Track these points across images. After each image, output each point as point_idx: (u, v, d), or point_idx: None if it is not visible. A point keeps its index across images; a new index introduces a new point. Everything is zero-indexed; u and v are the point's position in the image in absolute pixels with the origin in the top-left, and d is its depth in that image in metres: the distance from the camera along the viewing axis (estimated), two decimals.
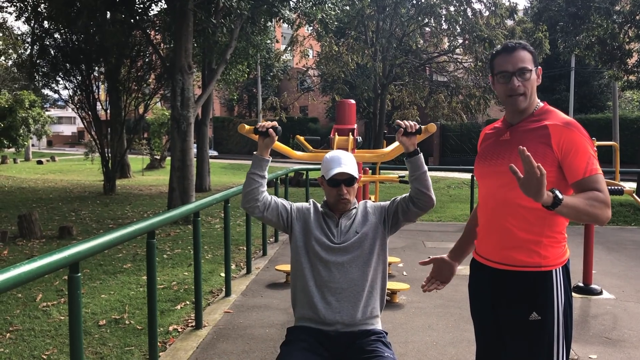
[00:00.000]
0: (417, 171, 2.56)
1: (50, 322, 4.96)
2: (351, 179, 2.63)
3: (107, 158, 16.59)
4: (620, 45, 15.19)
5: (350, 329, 2.55)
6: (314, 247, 2.60)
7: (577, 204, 1.98)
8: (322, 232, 2.63)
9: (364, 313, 2.57)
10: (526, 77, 2.19)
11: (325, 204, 2.73)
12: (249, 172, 2.64)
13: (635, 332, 4.64)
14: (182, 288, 6.06)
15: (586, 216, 2.01)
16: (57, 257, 2.52)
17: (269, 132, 2.61)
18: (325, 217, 2.69)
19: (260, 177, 2.63)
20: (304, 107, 45.04)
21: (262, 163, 2.64)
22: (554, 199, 1.91)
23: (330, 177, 2.61)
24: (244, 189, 2.65)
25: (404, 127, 2.50)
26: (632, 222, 10.98)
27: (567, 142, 2.10)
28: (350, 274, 2.57)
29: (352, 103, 5.32)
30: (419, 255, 7.59)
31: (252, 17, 12.16)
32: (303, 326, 2.62)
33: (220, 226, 10.02)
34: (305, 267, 2.61)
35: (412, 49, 19.41)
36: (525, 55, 2.21)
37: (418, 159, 2.55)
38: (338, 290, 2.56)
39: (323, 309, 2.55)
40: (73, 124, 79.23)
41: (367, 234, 2.62)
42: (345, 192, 2.62)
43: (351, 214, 2.69)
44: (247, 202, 2.64)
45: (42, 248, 8.23)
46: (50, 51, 16.87)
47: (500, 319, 2.26)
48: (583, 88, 31.32)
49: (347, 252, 2.59)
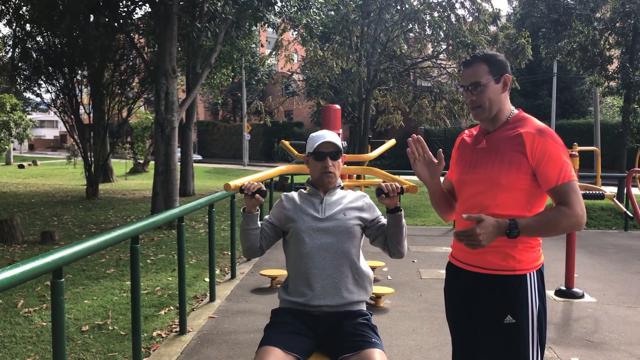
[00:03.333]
0: (395, 227, 2.63)
1: (32, 328, 4.90)
2: (336, 152, 2.70)
3: (90, 162, 16.43)
4: (601, 52, 15.42)
5: (335, 310, 2.60)
6: (298, 231, 2.64)
7: (536, 225, 2.09)
8: (304, 213, 2.68)
9: (349, 297, 2.61)
10: (478, 91, 2.23)
11: (309, 182, 2.79)
12: (243, 228, 2.71)
13: (616, 335, 4.70)
14: (166, 293, 6.02)
15: (552, 233, 2.12)
16: (41, 262, 2.50)
17: (255, 197, 2.66)
18: (308, 195, 2.75)
19: (254, 229, 2.72)
20: (289, 111, 45.04)
21: (253, 218, 2.72)
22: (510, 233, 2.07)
23: (315, 150, 2.67)
24: (243, 244, 2.74)
25: (386, 192, 2.55)
26: (612, 226, 11.12)
27: (540, 150, 2.13)
28: (335, 260, 2.61)
29: (337, 108, 5.35)
30: (404, 260, 7.62)
31: (237, 21, 12.15)
32: (287, 307, 2.66)
33: (205, 231, 9.97)
34: (292, 253, 2.68)
35: (397, 54, 19.51)
36: (479, 69, 2.23)
37: (398, 216, 2.61)
38: (323, 275, 2.60)
39: (308, 294, 2.60)
40: (55, 128, 78.49)
41: (354, 221, 2.67)
42: (331, 164, 2.68)
43: (336, 191, 2.75)
44: (251, 255, 2.79)
45: (23, 253, 8.13)
46: (33, 54, 16.66)
47: (476, 321, 2.29)
48: (565, 93, 31.71)
49: (332, 235, 2.62)
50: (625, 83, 14.54)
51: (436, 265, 7.28)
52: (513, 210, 2.16)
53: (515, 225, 2.05)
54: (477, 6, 17.98)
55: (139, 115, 30.72)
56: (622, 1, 14.08)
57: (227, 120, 51.42)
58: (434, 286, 6.18)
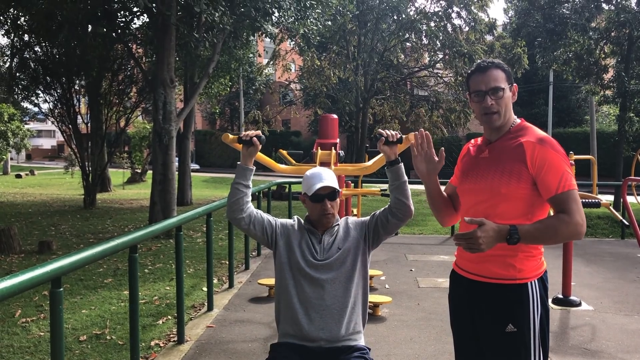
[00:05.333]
0: (397, 180, 2.59)
1: (30, 338, 4.89)
2: (334, 192, 2.65)
3: (88, 172, 16.43)
4: (597, 61, 15.53)
5: (333, 345, 2.56)
6: (298, 264, 2.61)
7: (536, 233, 2.10)
8: (307, 249, 2.64)
9: (347, 329, 2.58)
10: (499, 96, 2.24)
11: (308, 220, 2.73)
12: (234, 182, 2.65)
13: (613, 343, 4.71)
14: (164, 303, 6.02)
15: (552, 240, 2.13)
16: (39, 272, 2.51)
17: (253, 141, 2.62)
18: (308, 233, 2.70)
19: (245, 186, 2.65)
20: (286, 120, 45.12)
21: (246, 172, 2.66)
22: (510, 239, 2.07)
23: (314, 193, 2.62)
24: (229, 199, 2.66)
25: (385, 136, 2.53)
26: (609, 235, 11.14)
27: (540, 159, 2.15)
28: (333, 291, 2.58)
29: (334, 118, 5.37)
30: (401, 268, 7.63)
31: (235, 31, 12.20)
32: (287, 342, 2.62)
33: (202, 240, 9.97)
34: (289, 283, 2.62)
35: (393, 63, 19.63)
36: (498, 74, 2.25)
37: (399, 168, 2.59)
38: (322, 307, 2.57)
39: (306, 326, 2.56)
40: (53, 138, 78.43)
41: (349, 250, 2.64)
42: (329, 206, 2.63)
43: (333, 230, 2.70)
44: (233, 212, 2.65)
45: (21, 263, 8.12)
46: (31, 64, 16.71)
47: (478, 330, 2.29)
48: (561, 102, 31.84)
49: (330, 269, 2.60)
50: (621, 92, 14.63)
51: (434, 274, 7.29)
52: (514, 219, 2.17)
53: (515, 231, 2.06)
54: (473, 16, 18.12)
55: (136, 124, 30.70)
56: (617, 11, 14.20)
57: (224, 130, 51.48)
58: (431, 295, 6.18)
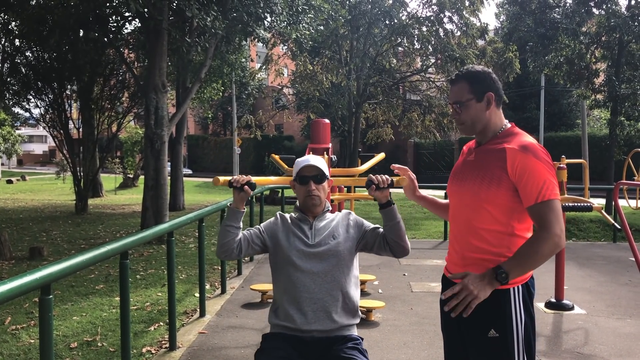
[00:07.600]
0: (391, 221, 2.61)
1: (20, 345, 4.85)
2: (320, 175, 2.67)
3: (79, 177, 16.35)
4: (587, 65, 15.62)
5: (326, 335, 2.58)
6: (289, 258, 2.62)
7: (520, 260, 2.09)
8: (296, 239, 2.66)
9: (340, 320, 2.60)
10: (463, 108, 2.26)
11: (298, 208, 2.76)
12: (225, 223, 2.67)
13: (606, 347, 4.71)
14: (156, 309, 5.98)
15: (537, 261, 2.11)
16: (29, 279, 2.47)
17: (245, 189, 2.64)
18: (298, 221, 2.72)
19: (236, 228, 2.67)
20: (279, 125, 45.12)
21: (237, 215, 2.67)
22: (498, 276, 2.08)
23: (299, 174, 2.67)
24: (219, 240, 2.68)
25: (376, 182, 2.55)
26: (601, 238, 11.18)
27: (521, 167, 2.12)
28: (325, 284, 2.59)
29: (326, 122, 5.36)
30: (394, 273, 7.62)
31: (227, 36, 12.19)
32: (278, 332, 2.63)
33: (195, 245, 9.93)
34: (282, 276, 2.65)
35: (386, 68, 19.67)
36: (461, 87, 2.27)
37: (392, 210, 2.60)
38: (314, 300, 2.58)
39: (299, 319, 2.58)
40: (44, 143, 78.09)
41: (344, 244, 2.65)
42: (314, 188, 2.66)
43: (325, 216, 2.73)
44: (223, 253, 2.68)
45: (11, 270, 8.06)
46: (22, 69, 16.63)
47: (464, 334, 2.30)
48: (553, 106, 31.99)
49: (322, 260, 2.61)
50: (612, 96, 14.71)
51: (427, 278, 7.28)
52: (495, 225, 2.18)
53: (500, 268, 2.07)
54: (465, 20, 18.20)
55: (128, 129, 30.64)
56: (608, 15, 14.29)
57: (217, 134, 51.43)
58: (424, 299, 6.18)
